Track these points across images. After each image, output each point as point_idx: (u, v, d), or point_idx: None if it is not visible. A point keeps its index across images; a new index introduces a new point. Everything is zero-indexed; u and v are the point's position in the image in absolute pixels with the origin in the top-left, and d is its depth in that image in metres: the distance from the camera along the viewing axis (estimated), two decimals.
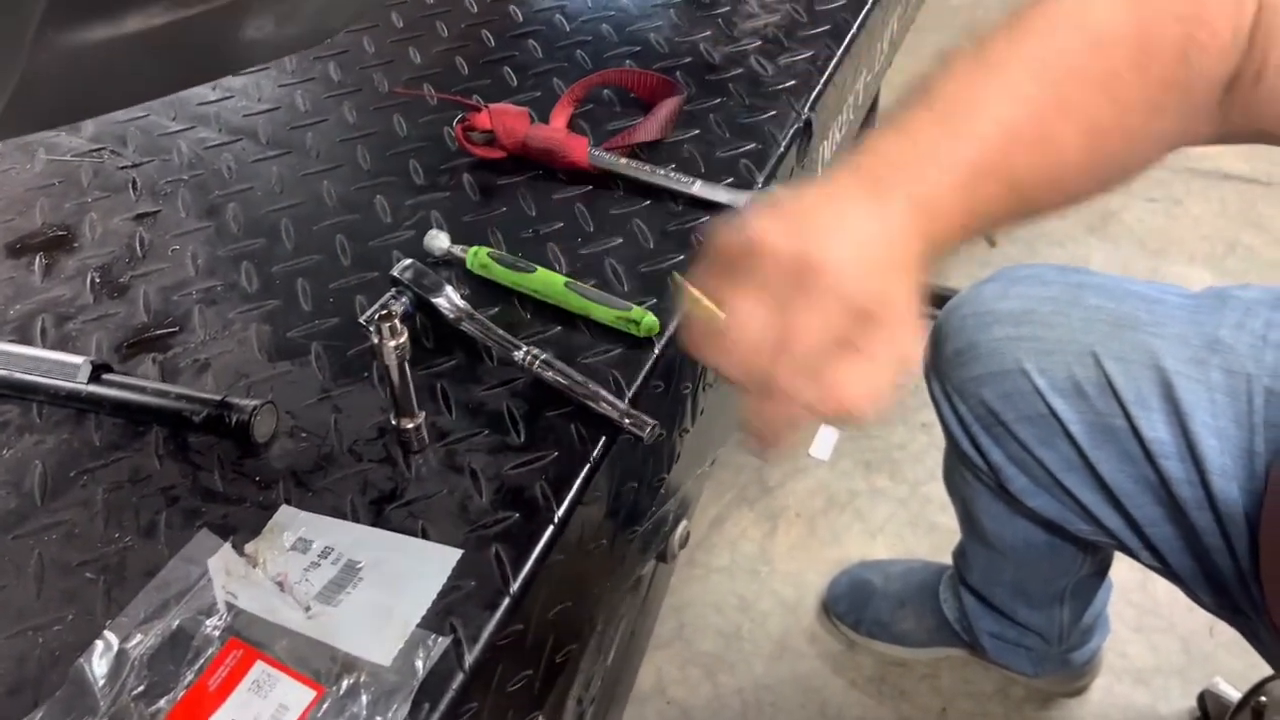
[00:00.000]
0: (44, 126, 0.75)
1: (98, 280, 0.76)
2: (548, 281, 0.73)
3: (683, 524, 1.10)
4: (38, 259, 0.78)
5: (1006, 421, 1.02)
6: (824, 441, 1.80)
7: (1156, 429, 0.93)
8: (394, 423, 0.64)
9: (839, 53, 0.93)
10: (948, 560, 1.43)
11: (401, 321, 0.68)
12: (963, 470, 1.16)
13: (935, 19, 2.59)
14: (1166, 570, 1.01)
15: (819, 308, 0.54)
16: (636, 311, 0.70)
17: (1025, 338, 1.00)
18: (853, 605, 1.52)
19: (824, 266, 0.54)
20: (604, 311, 0.71)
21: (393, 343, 0.60)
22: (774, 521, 1.69)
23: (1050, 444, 0.99)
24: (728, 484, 1.74)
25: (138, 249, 0.79)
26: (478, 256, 0.75)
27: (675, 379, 0.74)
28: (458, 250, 0.76)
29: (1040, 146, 0.62)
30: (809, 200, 0.58)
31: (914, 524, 1.68)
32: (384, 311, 0.61)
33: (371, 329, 0.60)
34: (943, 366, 1.08)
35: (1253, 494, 0.89)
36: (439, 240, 0.77)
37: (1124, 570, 1.47)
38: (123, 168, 0.85)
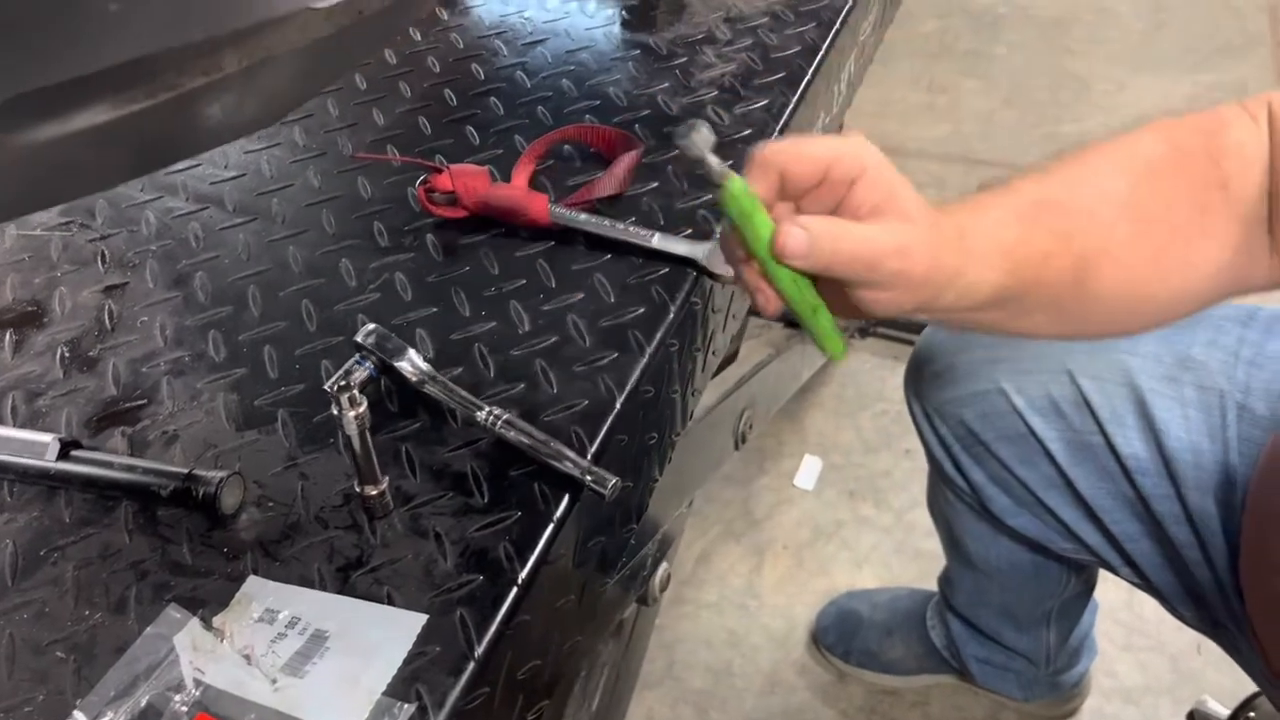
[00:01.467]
0: (1, 220, 0.76)
1: (67, 355, 0.77)
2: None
3: (663, 566, 1.11)
4: (8, 335, 0.79)
5: (986, 441, 1.04)
6: (808, 471, 1.81)
7: (1132, 445, 0.94)
8: (358, 490, 0.65)
9: (794, 100, 0.95)
10: (934, 587, 1.44)
11: (363, 388, 0.70)
12: (945, 492, 1.17)
13: (906, 45, 2.63)
14: (1148, 585, 1.03)
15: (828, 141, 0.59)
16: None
17: (1002, 358, 1.02)
18: (841, 636, 1.53)
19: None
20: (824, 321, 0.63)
21: (353, 413, 0.61)
22: (761, 555, 1.70)
23: (1030, 462, 1.01)
24: (713, 519, 1.74)
25: (107, 322, 0.80)
26: (736, 185, 0.60)
27: (639, 431, 0.75)
28: (716, 164, 0.59)
29: (1088, 216, 0.66)
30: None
31: (900, 551, 1.69)
32: (343, 382, 0.62)
33: (332, 400, 0.61)
34: (923, 388, 1.10)
35: (1229, 507, 0.90)
36: (701, 137, 0.59)
37: (1110, 590, 1.48)
38: (91, 240, 0.86)
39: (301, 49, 0.50)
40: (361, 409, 0.62)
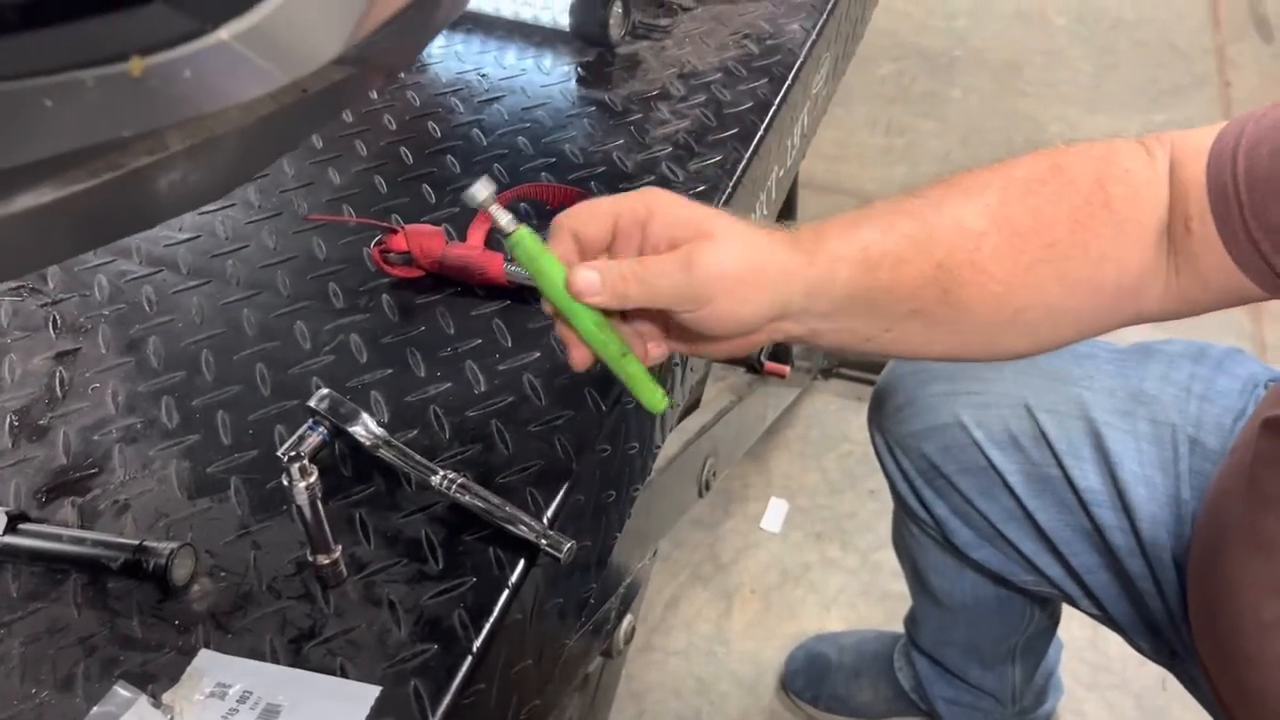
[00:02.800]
0: None
1: (16, 423, 0.77)
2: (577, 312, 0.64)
3: (627, 619, 1.10)
4: None
5: (948, 474, 1.05)
6: (775, 514, 1.81)
7: (1089, 478, 0.96)
8: (310, 559, 0.64)
9: (746, 155, 0.96)
10: (901, 629, 1.44)
11: (316, 454, 0.69)
12: (910, 526, 1.19)
13: (864, 89, 2.68)
14: (1106, 617, 1.04)
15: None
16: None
17: (961, 392, 1.04)
18: (810, 681, 1.53)
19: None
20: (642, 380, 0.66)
21: (303, 483, 0.61)
22: (729, 600, 1.70)
23: (990, 495, 1.03)
24: (681, 563, 1.74)
25: (57, 389, 0.79)
26: (521, 235, 0.63)
27: (596, 490, 0.75)
28: (505, 222, 0.63)
29: (952, 229, 0.66)
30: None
31: (866, 593, 1.70)
32: (294, 452, 0.61)
33: (283, 470, 0.61)
34: (885, 422, 1.11)
35: (1179, 539, 0.92)
36: (481, 191, 0.62)
37: (1075, 628, 1.49)
38: (43, 305, 0.86)
39: (246, 127, 0.51)
40: (312, 479, 0.61)
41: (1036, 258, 0.68)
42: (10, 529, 0.67)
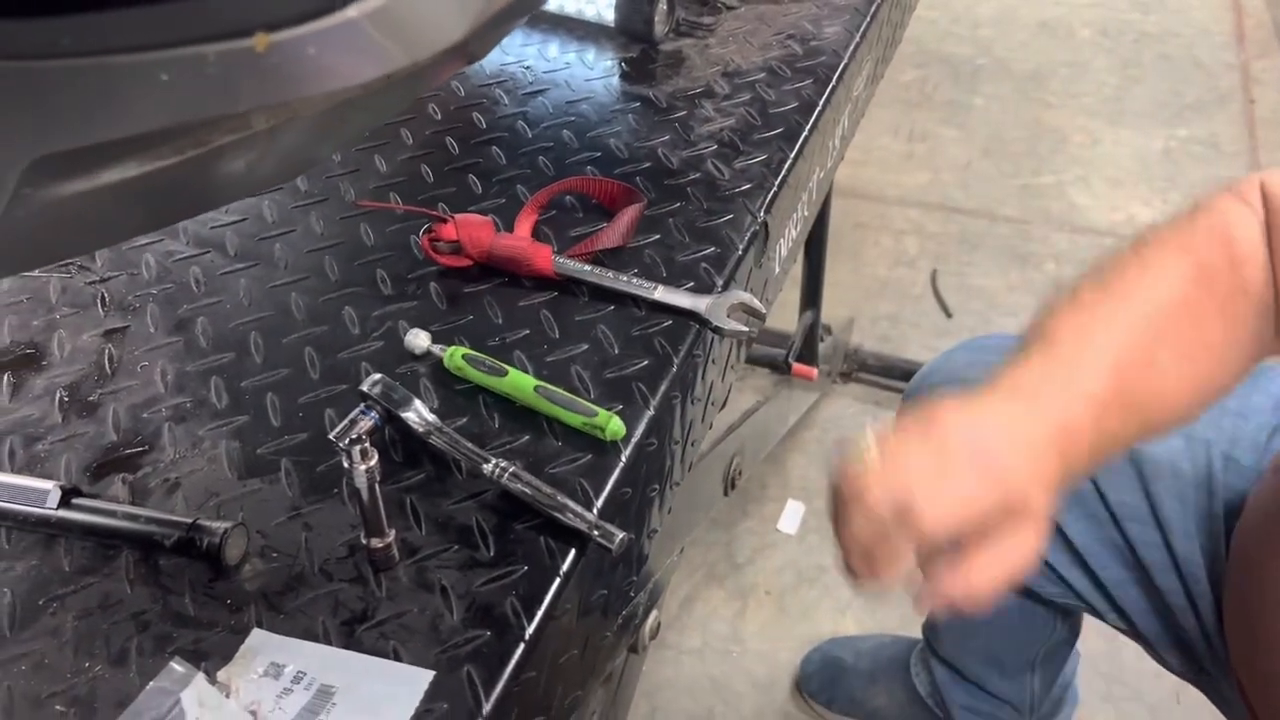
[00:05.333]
0: (17, 271, 0.76)
1: (66, 399, 0.77)
2: (518, 385, 0.74)
3: (653, 615, 1.10)
4: (5, 378, 0.78)
5: None
6: (791, 516, 1.81)
7: (1121, 492, 0.96)
8: (364, 542, 0.65)
9: (792, 155, 0.96)
10: (917, 634, 1.44)
11: (371, 438, 0.70)
12: None
13: (886, 94, 2.67)
14: (1134, 632, 1.04)
15: (981, 482, 0.62)
16: (602, 416, 0.72)
17: None
18: (825, 683, 1.53)
19: (995, 454, 0.63)
20: (571, 416, 0.73)
21: (364, 465, 0.61)
22: (744, 600, 1.70)
23: None
24: (697, 562, 1.74)
25: (106, 366, 0.79)
26: (453, 357, 0.76)
27: (642, 483, 0.75)
28: (436, 350, 0.77)
29: (1146, 374, 0.70)
30: (977, 403, 0.66)
31: (882, 598, 1.69)
32: (354, 435, 0.62)
33: (343, 452, 0.61)
34: None
35: (1214, 555, 0.92)
36: (419, 339, 0.78)
37: (1091, 639, 1.49)
38: (91, 283, 0.86)
39: (327, 110, 0.51)
40: (373, 462, 0.62)
41: (1211, 371, 0.72)
42: (64, 503, 0.67)
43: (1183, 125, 2.57)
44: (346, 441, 0.61)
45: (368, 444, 0.61)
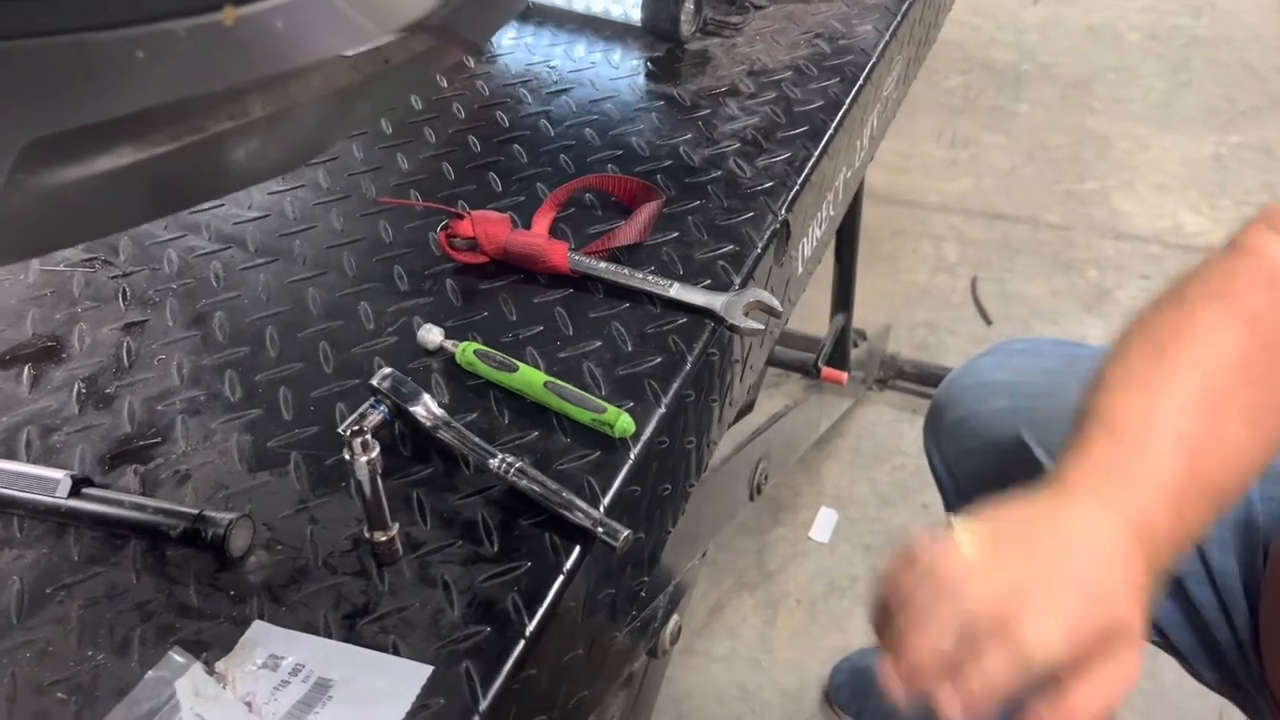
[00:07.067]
0: (18, 259, 0.77)
1: (84, 391, 0.77)
2: (529, 380, 0.74)
3: (674, 619, 1.09)
4: (26, 370, 0.79)
5: (1005, 494, 1.02)
6: (824, 524, 1.79)
7: None
8: (367, 536, 0.64)
9: (816, 154, 0.95)
10: None
11: (376, 433, 0.69)
12: None
13: (929, 100, 2.65)
14: (1167, 645, 1.01)
15: (1083, 602, 0.56)
16: (611, 413, 0.71)
17: (1022, 409, 1.01)
18: (854, 694, 1.50)
19: (1093, 570, 0.57)
20: (580, 413, 0.72)
21: (364, 458, 0.61)
22: (774, 608, 1.68)
23: None
24: (727, 569, 1.72)
25: (124, 359, 0.80)
26: (465, 353, 0.76)
27: (652, 482, 0.74)
28: (449, 345, 0.77)
29: (1217, 448, 0.66)
30: (1041, 510, 0.62)
31: None
32: (356, 427, 0.61)
33: (345, 445, 0.61)
34: (941, 438, 1.09)
35: (1250, 567, 0.89)
36: (432, 335, 0.78)
37: None
38: (113, 277, 0.87)
39: (327, 96, 0.51)
40: (374, 454, 0.61)
41: (1272, 433, 0.68)
42: (74, 493, 0.67)
43: (1234, 131, 2.51)
44: (348, 434, 0.61)
45: (369, 436, 0.61)
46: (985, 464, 1.04)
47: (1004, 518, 0.61)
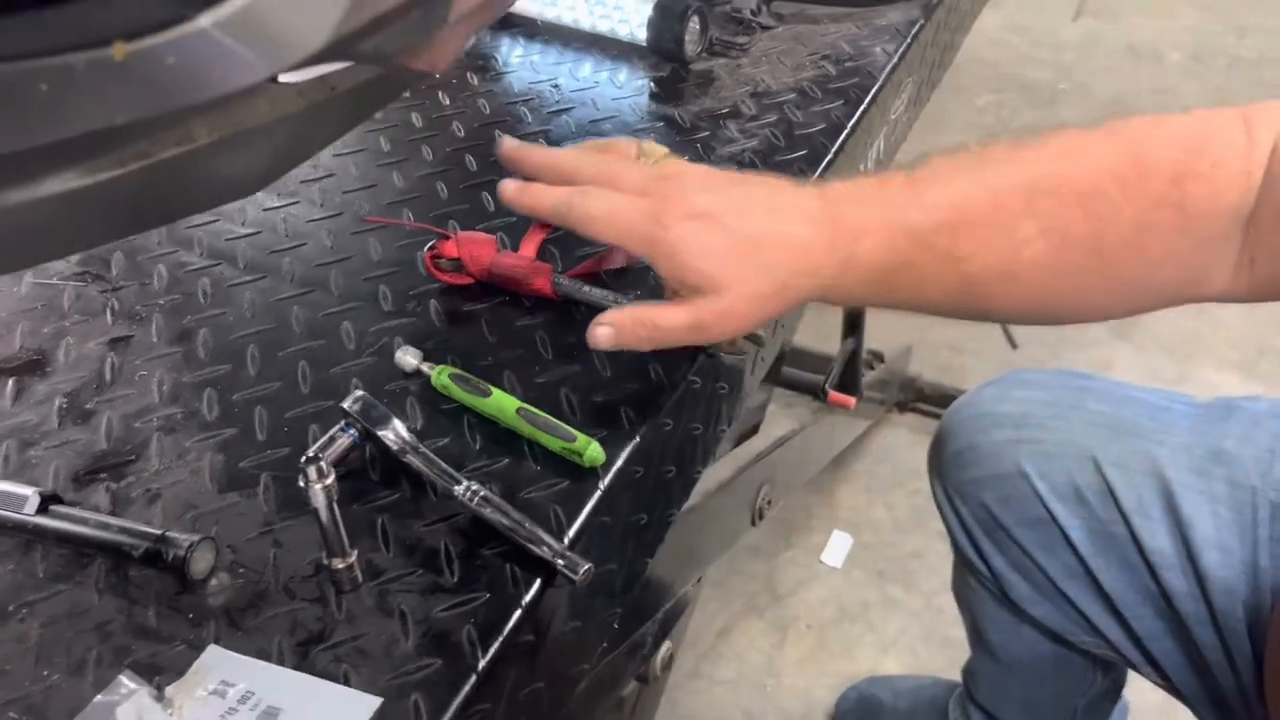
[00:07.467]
0: None
1: (64, 406, 0.78)
2: (501, 406, 0.73)
3: (665, 645, 1.08)
4: (10, 383, 0.80)
5: (1007, 525, 1.00)
6: (837, 548, 1.77)
7: (1157, 539, 0.91)
8: (325, 562, 0.64)
9: (814, 177, 0.93)
10: (960, 678, 1.39)
11: (346, 456, 0.69)
12: (967, 577, 1.14)
13: (960, 118, 2.61)
14: (1170, 687, 0.98)
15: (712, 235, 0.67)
16: (581, 441, 0.70)
17: (1025, 440, 0.99)
18: None
19: (753, 222, 0.67)
20: (551, 440, 0.71)
21: (319, 484, 0.60)
22: (783, 632, 1.66)
23: (1051, 550, 0.98)
24: (736, 591, 1.71)
25: (107, 374, 0.80)
26: (440, 376, 0.75)
27: (626, 512, 0.73)
28: (425, 368, 0.77)
29: (993, 234, 0.64)
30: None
31: (928, 638, 1.64)
32: (311, 454, 0.61)
33: (300, 471, 0.61)
34: (944, 468, 1.07)
35: (1256, 610, 0.86)
36: (408, 357, 0.77)
37: (1148, 690, 1.41)
38: (104, 291, 0.87)
39: (274, 122, 0.50)
40: (329, 480, 0.61)
41: (1082, 265, 0.65)
42: (42, 510, 0.67)
43: None
44: (303, 460, 0.60)
45: (323, 463, 0.61)
46: (987, 496, 1.02)
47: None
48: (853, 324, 1.55)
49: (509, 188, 0.72)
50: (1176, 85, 2.70)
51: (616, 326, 0.68)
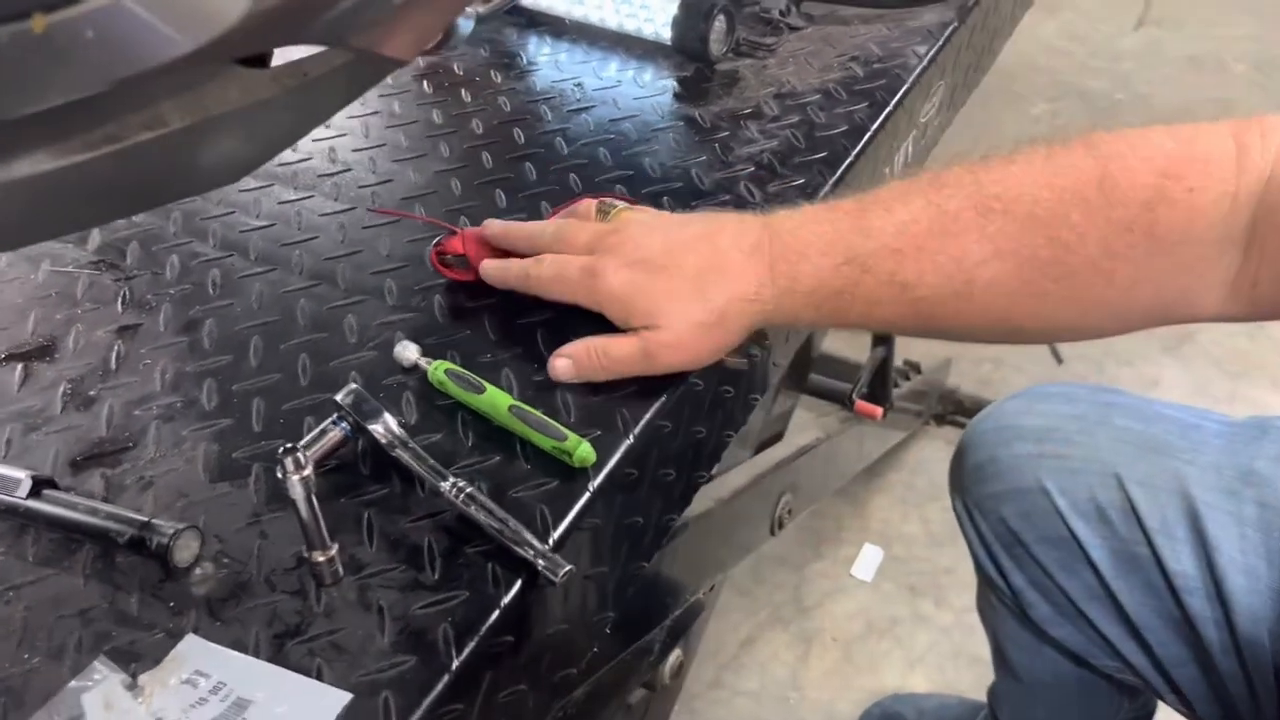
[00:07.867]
0: None
1: (69, 392, 0.78)
2: (494, 403, 0.72)
3: (675, 653, 1.06)
4: (18, 369, 0.81)
5: (1027, 542, 0.97)
6: (868, 561, 1.73)
7: (1181, 561, 0.87)
8: (305, 555, 0.63)
9: (831, 181, 0.91)
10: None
11: (333, 453, 0.68)
12: (989, 594, 1.11)
13: (1014, 127, 2.56)
14: (1194, 716, 0.94)
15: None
16: (572, 441, 0.68)
17: (1047, 455, 0.96)
18: None
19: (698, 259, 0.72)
20: (542, 439, 0.70)
21: (297, 476, 0.60)
22: (808, 645, 1.63)
23: (1071, 570, 0.95)
24: (762, 602, 1.68)
25: (112, 362, 0.81)
26: (436, 371, 0.74)
27: (618, 514, 0.72)
28: (424, 363, 0.76)
29: (941, 258, 0.64)
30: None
31: (957, 655, 1.60)
32: (287, 445, 0.60)
33: (277, 463, 0.60)
34: (964, 481, 1.04)
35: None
36: (407, 351, 0.77)
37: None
38: (117, 280, 0.88)
39: (248, 108, 0.50)
40: (306, 472, 0.60)
41: (1046, 288, 0.63)
42: (34, 494, 0.68)
43: None
44: (280, 450, 0.60)
45: (300, 454, 0.60)
46: (1007, 511, 0.99)
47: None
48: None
49: (488, 268, 0.80)
50: (1240, 97, 2.62)
51: (574, 358, 0.73)
